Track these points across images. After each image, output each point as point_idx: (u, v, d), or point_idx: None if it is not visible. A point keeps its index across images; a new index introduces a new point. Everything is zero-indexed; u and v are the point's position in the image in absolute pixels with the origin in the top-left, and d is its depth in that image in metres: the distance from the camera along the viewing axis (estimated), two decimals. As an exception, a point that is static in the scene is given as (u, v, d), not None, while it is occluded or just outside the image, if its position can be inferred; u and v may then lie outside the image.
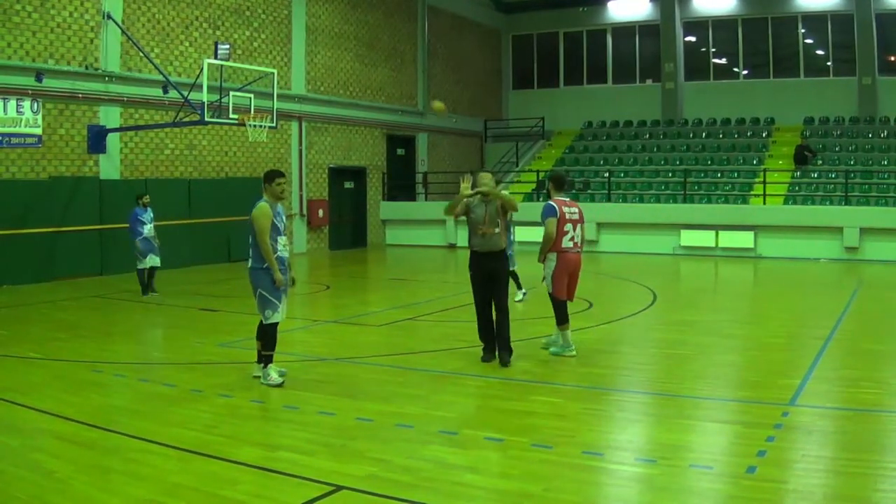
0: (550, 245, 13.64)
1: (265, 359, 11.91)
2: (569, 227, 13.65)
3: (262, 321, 11.87)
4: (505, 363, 12.97)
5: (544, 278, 13.94)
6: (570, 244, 13.71)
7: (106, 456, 8.81)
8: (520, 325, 16.83)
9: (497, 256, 13.17)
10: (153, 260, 21.62)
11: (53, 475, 8.18)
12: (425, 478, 8.04)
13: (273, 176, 11.86)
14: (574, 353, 13.60)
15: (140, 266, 21.57)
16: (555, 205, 13.63)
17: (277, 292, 11.78)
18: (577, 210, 13.93)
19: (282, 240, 11.84)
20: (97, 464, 8.55)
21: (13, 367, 13.29)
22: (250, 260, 11.80)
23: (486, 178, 13.03)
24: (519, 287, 20.28)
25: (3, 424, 10.00)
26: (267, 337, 11.88)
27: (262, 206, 11.66)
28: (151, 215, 21.77)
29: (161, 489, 7.77)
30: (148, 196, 22.08)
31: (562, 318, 13.74)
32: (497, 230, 13.01)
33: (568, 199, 14.01)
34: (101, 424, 9.86)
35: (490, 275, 13.11)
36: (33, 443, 9.34)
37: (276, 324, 11.89)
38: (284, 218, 12.10)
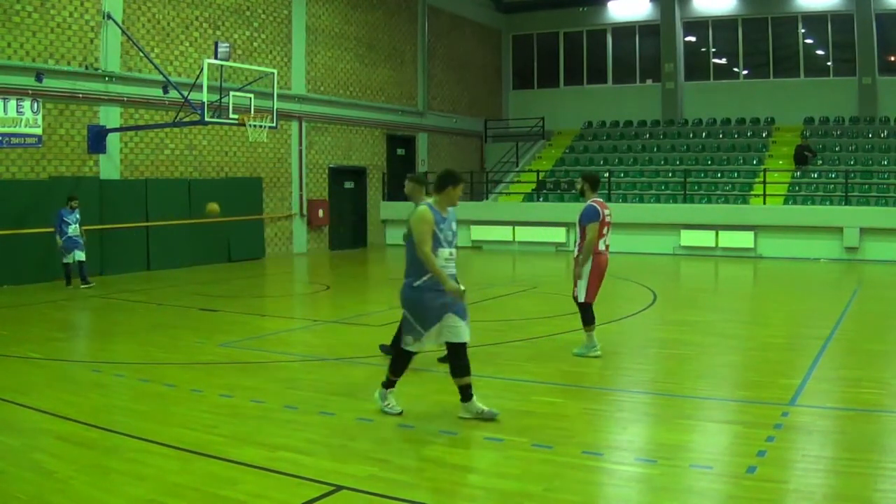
0: (591, 251, 13.32)
1: (390, 382, 10.38)
2: (605, 229, 13.44)
3: (401, 346, 10.35)
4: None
5: (576, 284, 13.59)
6: (604, 247, 13.50)
7: (106, 456, 8.81)
8: (522, 326, 16.86)
9: None
10: (79, 255, 22.90)
11: (54, 475, 8.18)
12: (425, 478, 8.06)
13: (457, 181, 10.16)
14: (599, 353, 13.50)
15: (65, 261, 22.94)
16: (597, 207, 13.34)
17: (431, 317, 9.93)
18: (610, 212, 13.71)
19: (444, 252, 9.98)
20: (97, 464, 8.55)
21: (13, 367, 13.28)
22: (405, 274, 10.19)
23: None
24: None
25: (3, 424, 10.00)
26: (397, 361, 10.37)
27: (424, 210, 9.95)
28: (78, 216, 22.92)
29: (161, 489, 7.78)
30: (77, 200, 22.96)
31: (588, 320, 13.59)
32: None
33: (602, 200, 13.70)
34: (102, 424, 9.86)
35: None
36: (33, 443, 9.34)
37: (412, 354, 10.24)
38: (454, 225, 10.26)
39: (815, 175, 35.54)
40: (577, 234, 13.75)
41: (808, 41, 41.80)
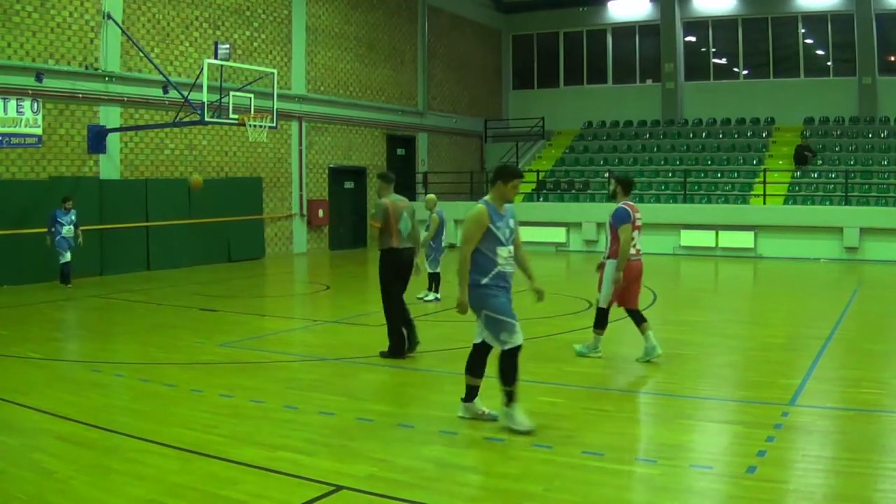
0: (627, 254, 13.02)
1: (508, 395, 9.63)
2: (636, 233, 13.11)
3: (502, 350, 9.70)
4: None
5: (601, 287, 13.42)
6: (634, 251, 13.16)
7: (106, 456, 8.81)
8: (522, 325, 16.84)
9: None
10: (65, 256, 22.92)
11: (53, 475, 8.18)
12: (426, 478, 8.05)
13: (512, 175, 9.99)
14: (600, 355, 13.47)
15: (62, 260, 22.98)
16: (629, 210, 12.99)
17: (509, 307, 9.64)
18: (640, 215, 13.34)
19: (503, 251, 9.65)
20: (97, 464, 8.55)
21: (13, 367, 13.29)
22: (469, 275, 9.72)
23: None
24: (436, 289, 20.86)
25: (3, 424, 10.00)
26: (506, 367, 9.65)
27: (480, 209, 9.72)
28: (73, 217, 22.94)
29: (161, 489, 7.78)
30: (71, 201, 22.94)
31: (601, 324, 13.46)
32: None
33: (633, 203, 13.30)
34: (102, 424, 9.86)
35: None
36: (33, 443, 9.34)
37: (517, 349, 9.67)
38: (513, 222, 9.92)
39: (815, 175, 35.56)
40: (606, 237, 13.45)
41: (809, 41, 41.83)
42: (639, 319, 13.35)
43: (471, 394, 9.94)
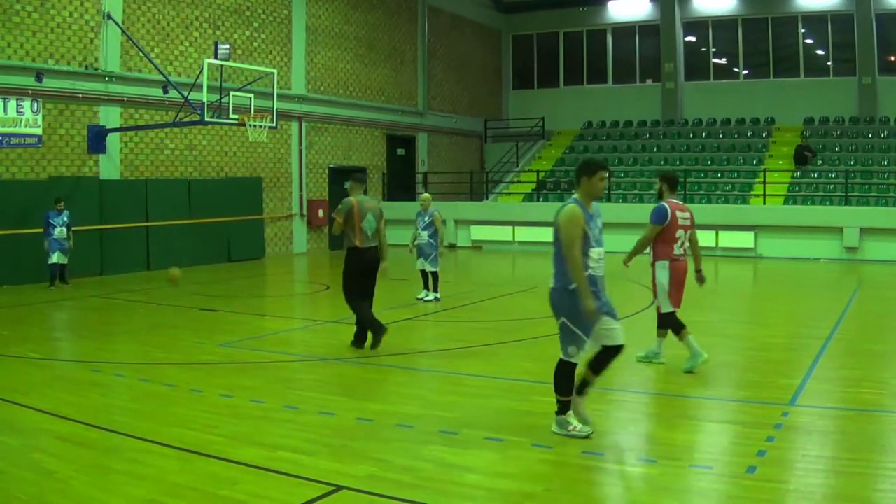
0: (642, 250, 12.93)
1: (561, 406, 9.36)
2: (680, 233, 12.69)
3: (562, 359, 9.32)
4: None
5: (656, 294, 13.00)
6: (681, 251, 12.80)
7: (106, 456, 8.81)
8: (522, 325, 16.85)
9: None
10: (59, 257, 22.85)
11: (53, 475, 8.18)
12: (425, 478, 8.04)
13: (594, 168, 9.38)
14: (663, 361, 13.05)
15: (50, 262, 22.85)
16: (668, 208, 12.59)
17: (588, 325, 9.08)
18: (689, 215, 12.96)
19: (595, 252, 9.22)
20: (97, 464, 8.55)
21: (13, 367, 13.28)
22: (553, 278, 9.31)
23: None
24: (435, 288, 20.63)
25: (3, 424, 10.00)
26: (561, 378, 9.32)
27: (572, 209, 9.15)
28: (65, 219, 22.92)
29: (161, 489, 7.78)
30: (63, 202, 22.96)
31: (671, 326, 12.82)
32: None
33: (680, 202, 13.02)
34: (102, 424, 9.86)
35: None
36: (33, 443, 9.33)
37: (574, 365, 9.27)
38: (600, 222, 9.49)
39: (815, 175, 35.57)
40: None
41: (808, 41, 41.84)
42: (665, 324, 13.14)
43: (564, 408, 9.42)
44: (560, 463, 8.49)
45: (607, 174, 9.41)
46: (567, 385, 9.28)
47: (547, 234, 34.62)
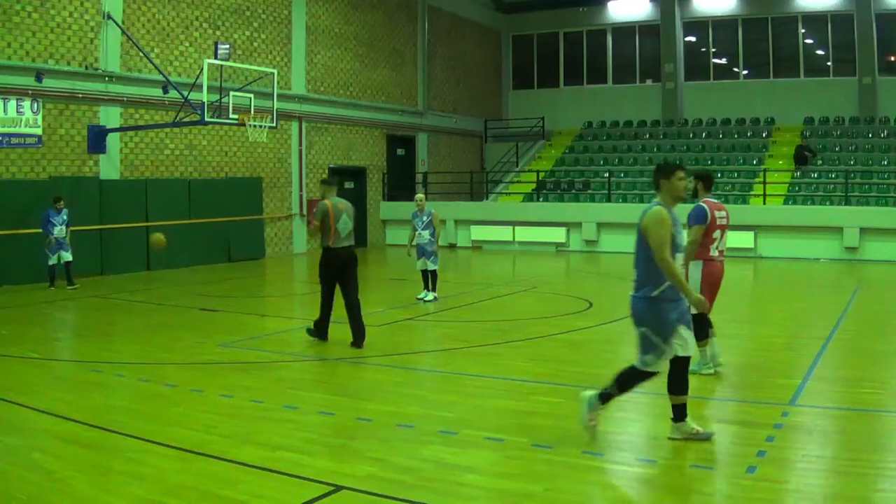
0: (695, 254, 12.16)
1: (602, 398, 9.27)
2: (717, 233, 12.24)
3: (636, 365, 9.21)
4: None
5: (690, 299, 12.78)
6: (717, 252, 12.30)
7: (106, 456, 8.81)
8: (522, 325, 16.85)
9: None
10: (65, 256, 22.87)
11: (53, 475, 8.18)
12: (425, 478, 8.05)
13: (672, 168, 9.10)
14: (711, 370, 12.36)
15: (50, 262, 22.78)
16: (707, 208, 12.16)
17: (671, 331, 8.88)
18: (725, 213, 12.49)
19: (678, 258, 8.98)
20: (97, 464, 8.55)
21: (13, 367, 13.29)
22: (635, 285, 9.09)
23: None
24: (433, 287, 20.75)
25: (3, 424, 10.01)
26: (628, 379, 9.31)
27: (660, 210, 8.85)
28: (65, 217, 22.85)
29: (161, 489, 7.78)
30: (63, 201, 22.94)
31: (702, 333, 12.06)
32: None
33: (717, 201, 12.57)
34: (102, 424, 9.86)
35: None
36: (33, 443, 9.34)
37: (649, 374, 9.14)
38: (680, 227, 9.09)
39: (816, 175, 35.56)
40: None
41: (808, 41, 41.84)
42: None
43: (681, 413, 9.29)
44: (560, 463, 8.48)
45: (685, 174, 9.13)
46: (629, 386, 9.28)
47: (548, 235, 34.67)
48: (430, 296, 20.32)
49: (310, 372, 13.32)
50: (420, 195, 21.88)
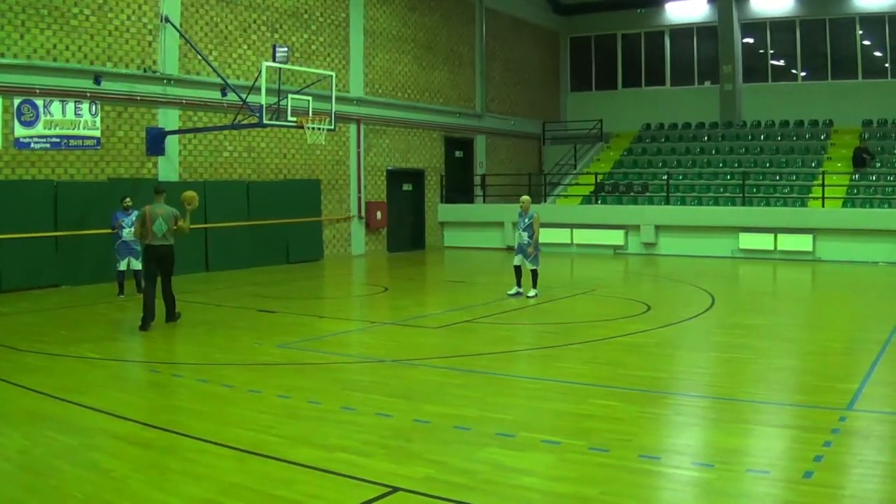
0: None
1: None
2: None
3: None
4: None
5: None
6: None
7: (163, 455, 8.87)
8: (580, 328, 16.81)
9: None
10: (134, 263, 21.57)
11: (110, 474, 8.25)
12: (482, 480, 8.04)
13: None
14: None
15: (119, 268, 21.76)
16: None
17: None
18: None
19: None
20: (154, 463, 8.62)
21: (72, 366, 13.41)
22: None
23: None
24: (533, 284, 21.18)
25: (61, 423, 10.10)
26: None
27: None
28: (134, 218, 20.57)
29: (218, 489, 7.83)
30: (130, 199, 21.93)
31: None
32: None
33: None
34: (159, 424, 9.94)
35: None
36: (91, 442, 9.41)
37: None
38: None
39: (874, 178, 35.19)
40: None
41: (866, 42, 41.40)
42: None
43: None
44: (617, 466, 8.45)
45: None
46: None
47: (606, 237, 34.65)
48: (532, 292, 20.55)
49: (367, 373, 13.33)
50: (525, 197, 21.97)
